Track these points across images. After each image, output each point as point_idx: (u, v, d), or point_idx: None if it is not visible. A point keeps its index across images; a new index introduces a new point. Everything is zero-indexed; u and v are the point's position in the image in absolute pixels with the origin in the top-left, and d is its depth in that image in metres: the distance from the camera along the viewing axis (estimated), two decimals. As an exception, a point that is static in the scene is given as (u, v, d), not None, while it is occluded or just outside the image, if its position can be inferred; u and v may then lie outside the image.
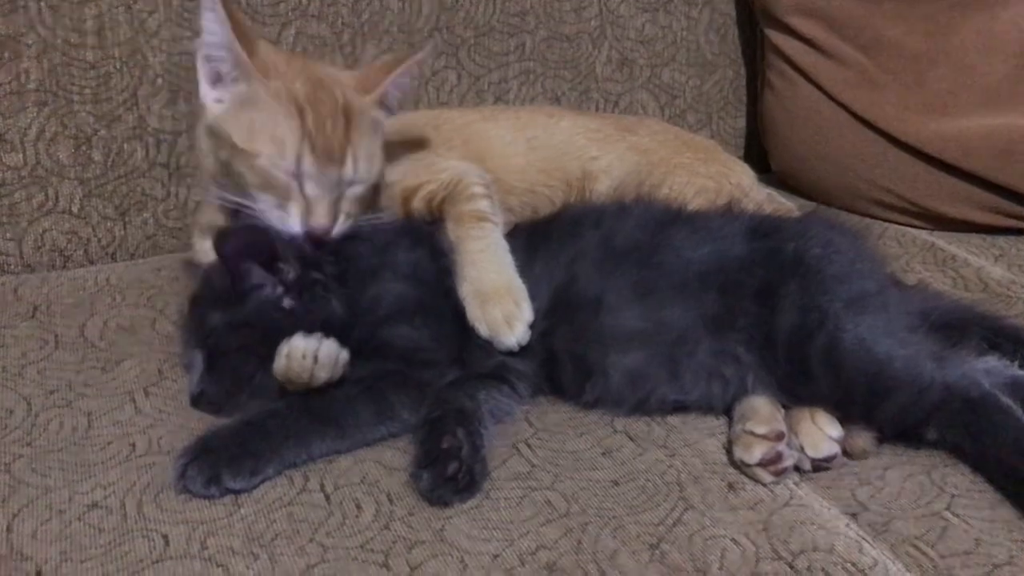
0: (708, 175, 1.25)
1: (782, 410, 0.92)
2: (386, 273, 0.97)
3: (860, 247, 1.03)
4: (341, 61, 1.30)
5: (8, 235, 1.19)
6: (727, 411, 0.95)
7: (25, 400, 0.93)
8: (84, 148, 1.20)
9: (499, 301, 0.94)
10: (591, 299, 0.95)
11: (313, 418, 0.87)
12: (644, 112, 1.52)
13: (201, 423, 0.90)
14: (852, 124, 1.41)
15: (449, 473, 0.82)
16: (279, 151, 0.94)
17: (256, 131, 0.95)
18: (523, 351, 0.94)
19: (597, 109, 1.48)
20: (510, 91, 1.42)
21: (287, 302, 0.93)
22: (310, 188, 0.95)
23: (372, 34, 1.31)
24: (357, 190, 0.98)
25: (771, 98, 1.51)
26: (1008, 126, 1.34)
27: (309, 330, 0.90)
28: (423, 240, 1.01)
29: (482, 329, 0.94)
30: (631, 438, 0.92)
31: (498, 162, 1.21)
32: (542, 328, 0.95)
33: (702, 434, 0.93)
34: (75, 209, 1.21)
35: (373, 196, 1.04)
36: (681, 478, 0.87)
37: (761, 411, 0.91)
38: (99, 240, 1.23)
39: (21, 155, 1.17)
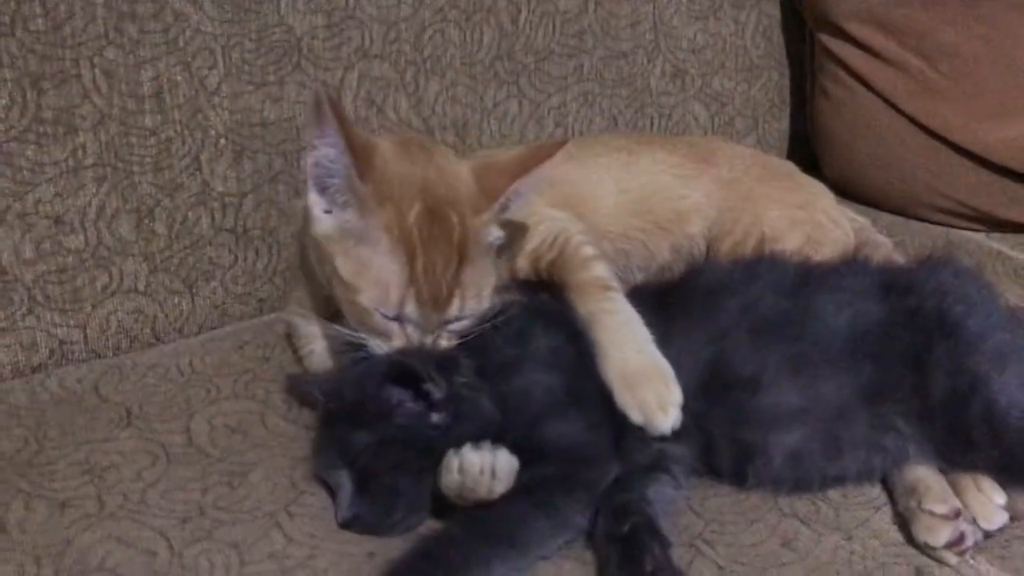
0: (798, 205, 1.22)
1: (943, 478, 0.92)
2: (528, 365, 0.92)
3: (986, 292, 1.02)
4: (405, 102, 1.21)
5: (72, 322, 1.09)
6: (882, 480, 0.94)
7: (163, 536, 0.86)
8: (147, 221, 1.09)
9: (648, 383, 0.90)
10: (748, 378, 0.92)
11: (490, 540, 0.82)
12: (696, 123, 1.47)
13: (358, 546, 0.85)
14: (912, 131, 1.40)
15: (659, 597, 0.79)
16: (382, 295, 0.89)
17: (361, 267, 0.89)
18: (678, 435, 0.91)
19: (652, 124, 1.43)
20: (569, 115, 1.36)
21: (436, 417, 0.88)
22: (411, 330, 0.91)
23: (435, 70, 1.23)
24: (463, 324, 0.94)
25: (825, 104, 1.48)
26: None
27: (464, 438, 0.86)
28: (555, 320, 0.96)
29: (635, 416, 0.90)
30: (803, 521, 0.90)
31: (589, 206, 1.16)
32: (695, 410, 0.91)
33: (867, 509, 0.92)
34: (140, 287, 1.11)
35: None
36: (868, 566, 0.85)
37: (933, 487, 0.90)
38: (166, 316, 1.14)
39: (82, 236, 1.06)
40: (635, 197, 1.18)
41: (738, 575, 0.84)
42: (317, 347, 1.03)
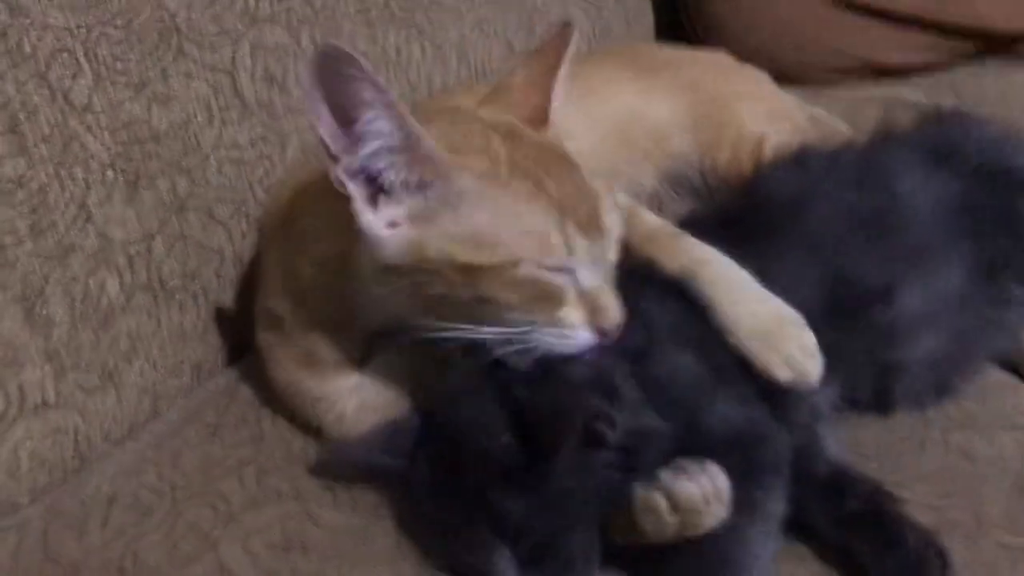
0: (762, 96, 1.13)
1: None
2: (661, 348, 0.74)
3: (1012, 132, 0.98)
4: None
5: (-29, 474, 0.76)
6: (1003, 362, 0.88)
7: None
8: (39, 308, 0.77)
9: (784, 334, 0.76)
10: (880, 289, 0.80)
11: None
12: (580, 33, 1.31)
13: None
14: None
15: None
16: (542, 246, 0.67)
17: (492, 236, 0.67)
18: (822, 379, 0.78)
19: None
20: (469, 50, 1.15)
21: (606, 454, 0.68)
22: (586, 277, 0.70)
23: (330, 26, 0.97)
24: (616, 255, 0.74)
25: (707, -14, 1.38)
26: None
27: (643, 469, 0.68)
28: (659, 285, 0.78)
29: (783, 374, 0.75)
30: (964, 427, 0.81)
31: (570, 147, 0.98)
32: (830, 341, 0.77)
33: (1010, 394, 0.85)
34: (50, 398, 0.79)
35: None
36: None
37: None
38: (88, 425, 0.83)
39: (-45, 356, 0.73)
40: (611, 126, 1.02)
41: (955, 508, 0.74)
42: (349, 407, 0.79)
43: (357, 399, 0.78)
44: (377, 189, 0.67)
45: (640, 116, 1.04)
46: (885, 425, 0.83)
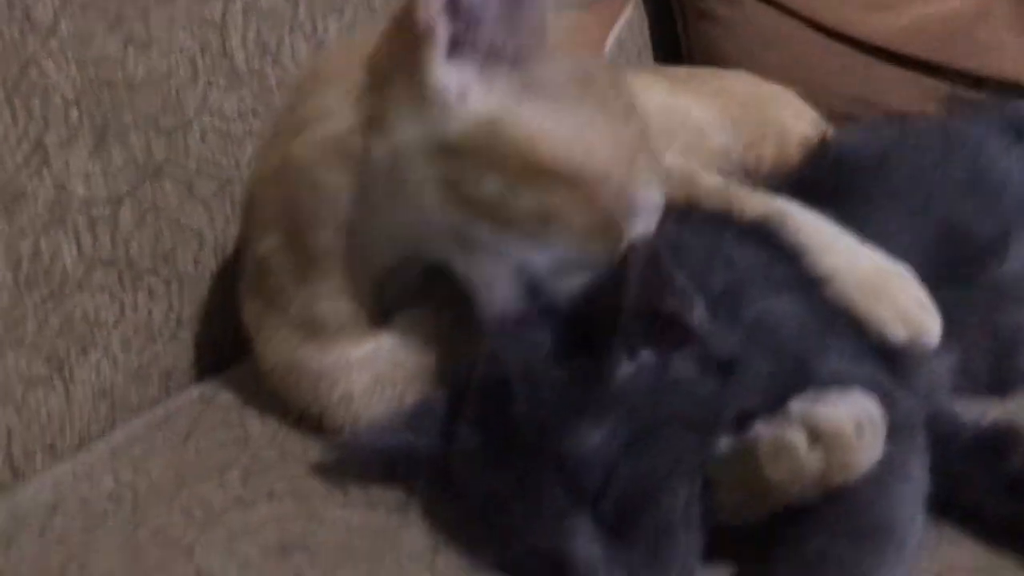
0: (792, 103, 1.05)
1: None
2: (752, 289, 0.61)
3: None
4: (304, 46, 0.85)
5: None
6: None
7: None
8: (-25, 266, 0.62)
9: (893, 286, 0.64)
10: (992, 238, 0.68)
11: (874, 545, 0.50)
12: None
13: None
14: (817, 37, 1.29)
15: None
16: (625, 173, 0.57)
17: (587, 138, 0.56)
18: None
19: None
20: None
21: (681, 368, 0.54)
22: (637, 226, 0.59)
23: (332, 5, 0.87)
24: None
25: (712, 29, 1.32)
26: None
27: (746, 402, 0.54)
28: (737, 227, 0.66)
29: (897, 331, 0.62)
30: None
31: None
32: (941, 301, 0.64)
33: None
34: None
35: None
36: None
37: None
38: (27, 427, 0.65)
39: None
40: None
41: None
42: (358, 382, 0.62)
43: (370, 372, 0.62)
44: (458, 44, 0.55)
45: (673, 108, 0.94)
46: (1006, 410, 0.69)
